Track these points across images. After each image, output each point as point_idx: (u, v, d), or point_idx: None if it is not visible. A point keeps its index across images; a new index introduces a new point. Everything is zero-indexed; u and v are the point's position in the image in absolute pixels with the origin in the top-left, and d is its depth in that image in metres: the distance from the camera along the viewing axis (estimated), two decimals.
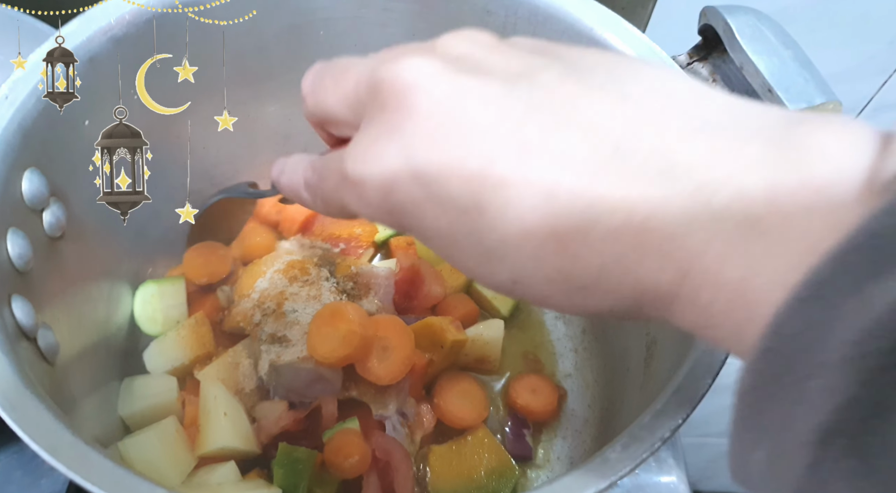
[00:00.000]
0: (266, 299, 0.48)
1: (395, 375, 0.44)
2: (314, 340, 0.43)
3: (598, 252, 0.20)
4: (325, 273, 0.49)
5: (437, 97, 0.21)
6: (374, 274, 0.49)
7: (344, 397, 0.46)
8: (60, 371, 0.37)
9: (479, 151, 0.20)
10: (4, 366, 0.30)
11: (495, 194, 0.20)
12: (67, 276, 0.40)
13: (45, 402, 0.29)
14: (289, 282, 0.48)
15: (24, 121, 0.35)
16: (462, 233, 0.21)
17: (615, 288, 0.20)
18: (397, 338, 0.45)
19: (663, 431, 0.28)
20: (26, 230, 0.36)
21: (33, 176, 0.36)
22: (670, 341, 0.41)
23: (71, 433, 0.28)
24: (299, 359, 0.43)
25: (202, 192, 0.53)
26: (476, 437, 0.48)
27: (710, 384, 0.30)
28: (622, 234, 0.19)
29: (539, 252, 0.20)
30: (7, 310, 0.33)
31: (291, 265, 0.49)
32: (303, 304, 0.47)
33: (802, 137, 0.18)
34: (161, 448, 0.43)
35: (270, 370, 0.44)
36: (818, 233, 0.17)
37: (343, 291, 0.48)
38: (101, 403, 0.44)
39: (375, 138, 0.22)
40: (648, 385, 0.42)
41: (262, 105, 0.52)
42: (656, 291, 0.20)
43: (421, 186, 0.21)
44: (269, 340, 0.45)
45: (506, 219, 0.20)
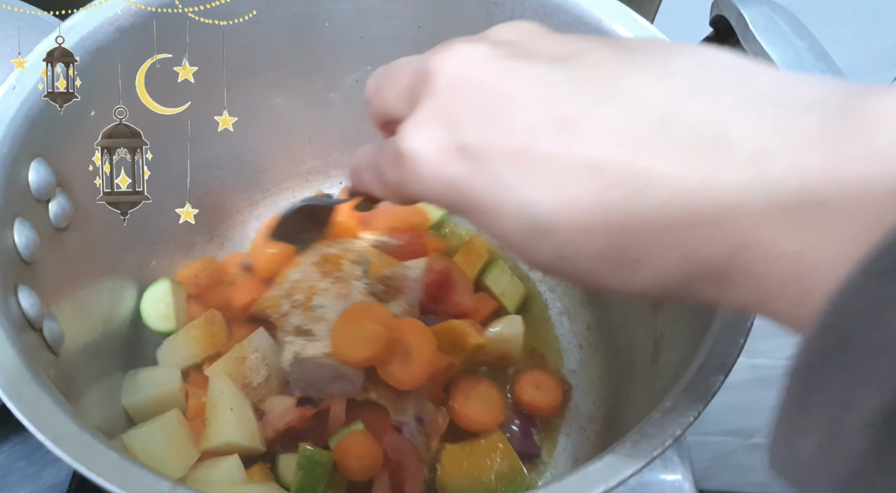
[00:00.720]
0: (297, 290, 0.47)
1: (415, 380, 0.44)
2: (339, 337, 0.43)
3: (647, 224, 0.19)
4: (359, 272, 0.48)
5: (484, 78, 0.22)
6: (405, 277, 0.49)
7: (362, 399, 0.45)
8: (65, 362, 0.37)
9: (523, 126, 0.21)
10: (10, 355, 0.29)
11: (539, 169, 0.21)
12: (72, 267, 0.40)
13: (51, 392, 0.29)
14: (321, 276, 0.48)
15: (31, 111, 0.35)
16: (508, 207, 0.21)
17: (664, 263, 0.20)
18: (420, 343, 0.44)
19: (674, 428, 0.28)
20: (33, 221, 0.35)
21: (40, 166, 0.36)
22: (678, 337, 0.40)
23: (76, 424, 0.28)
24: (323, 354, 0.43)
25: (205, 184, 0.53)
26: (490, 440, 0.48)
27: (723, 381, 0.30)
28: (671, 206, 0.19)
29: (585, 225, 0.20)
30: (13, 300, 0.33)
31: (326, 259, 0.49)
32: (332, 300, 0.46)
33: (862, 108, 0.17)
34: (164, 440, 0.43)
35: (294, 362, 0.44)
36: (882, 205, 0.16)
37: (373, 293, 0.48)
38: (105, 394, 0.44)
39: (426, 118, 0.23)
40: (656, 382, 0.42)
41: (268, 96, 0.52)
42: (708, 265, 0.19)
43: (468, 162, 0.22)
44: (295, 332, 0.45)
45: (552, 193, 0.20)
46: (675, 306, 0.43)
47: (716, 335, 0.32)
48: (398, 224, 0.56)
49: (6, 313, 0.31)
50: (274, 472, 0.46)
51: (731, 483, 1.28)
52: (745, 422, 1.10)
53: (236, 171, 0.55)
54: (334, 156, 0.59)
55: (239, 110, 0.51)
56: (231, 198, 0.57)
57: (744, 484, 1.28)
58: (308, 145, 0.57)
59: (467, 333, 0.47)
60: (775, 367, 0.94)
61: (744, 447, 1.17)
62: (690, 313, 0.39)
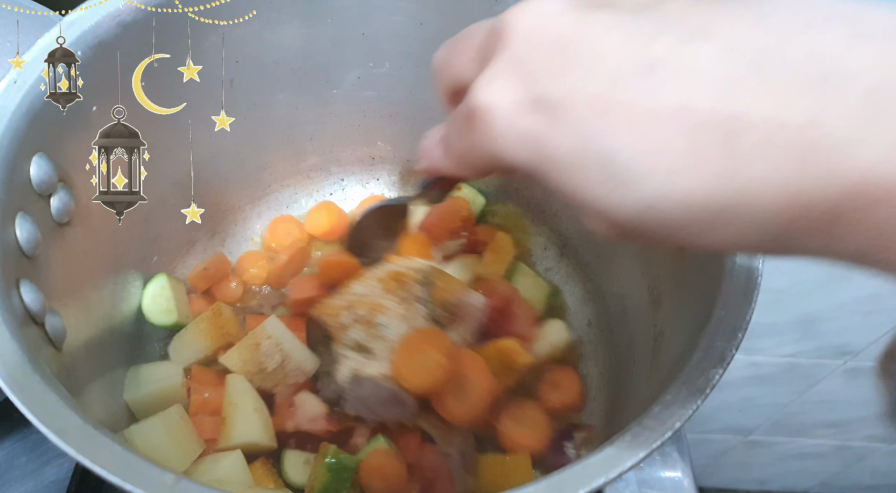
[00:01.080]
0: (359, 304, 0.47)
1: (469, 417, 0.43)
2: (400, 363, 0.42)
3: (745, 166, 0.18)
4: (422, 294, 0.47)
5: (560, 28, 0.21)
6: (467, 305, 0.47)
7: (412, 425, 0.44)
8: (67, 357, 0.37)
9: (602, 73, 0.20)
10: (13, 349, 0.30)
11: (623, 115, 0.19)
12: (74, 262, 0.40)
13: (53, 385, 0.29)
14: (384, 293, 0.47)
15: (32, 105, 0.35)
16: (588, 157, 0.20)
17: (762, 212, 0.19)
18: (478, 378, 0.43)
19: (674, 420, 0.28)
20: (34, 215, 0.36)
21: (41, 161, 0.36)
22: (678, 333, 0.41)
23: (79, 417, 0.28)
24: (382, 375, 0.42)
25: (207, 181, 0.53)
26: (516, 459, 0.46)
27: (721, 374, 0.30)
28: (774, 145, 0.18)
29: (674, 170, 0.19)
30: (16, 294, 0.33)
31: (391, 276, 0.48)
32: (394, 320, 0.45)
33: None
34: (166, 436, 0.43)
35: (352, 379, 0.43)
36: None
37: (434, 318, 0.46)
38: (106, 390, 0.44)
39: (499, 71, 0.22)
40: (655, 377, 0.42)
41: (270, 94, 0.52)
42: (815, 210, 0.18)
43: (545, 113, 0.21)
44: (354, 347, 0.44)
45: (637, 139, 0.19)
46: (674, 301, 0.43)
47: (714, 329, 0.32)
48: (453, 224, 0.55)
49: (8, 308, 0.31)
50: (277, 468, 0.46)
51: (730, 480, 1.28)
52: (744, 420, 1.10)
53: (238, 168, 0.55)
54: (336, 153, 0.59)
55: (241, 108, 0.52)
56: (233, 195, 0.57)
57: (743, 481, 1.28)
58: (310, 142, 0.57)
59: (517, 352, 0.46)
60: (774, 365, 0.94)
61: (743, 444, 1.17)
62: (690, 309, 0.39)
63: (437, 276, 0.49)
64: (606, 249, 0.54)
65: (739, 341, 0.32)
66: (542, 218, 0.58)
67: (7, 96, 0.34)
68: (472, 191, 0.58)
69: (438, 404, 0.43)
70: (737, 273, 0.34)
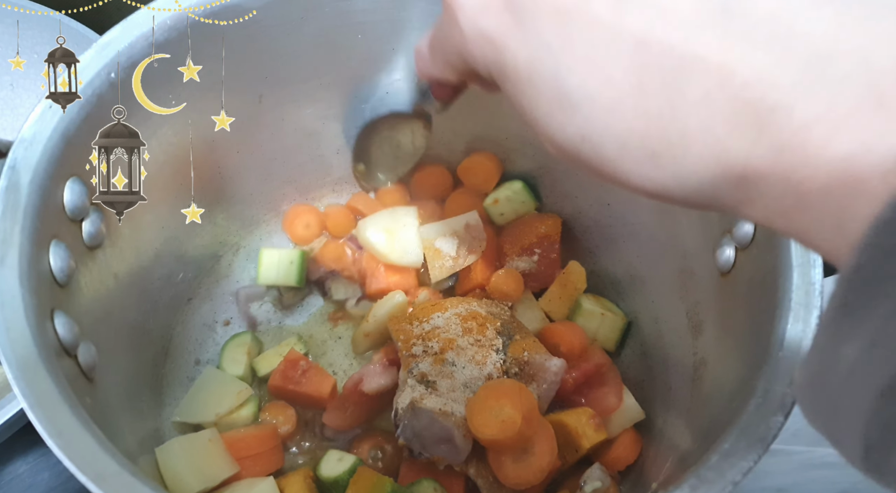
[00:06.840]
0: (434, 336, 0.45)
1: (523, 484, 0.41)
2: (475, 408, 0.40)
3: (683, 115, 0.18)
4: (499, 344, 0.45)
5: None
6: (544, 368, 0.44)
7: (460, 470, 0.43)
8: (99, 387, 0.36)
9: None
10: (50, 388, 0.29)
11: (584, 34, 0.20)
12: (104, 286, 0.40)
13: (89, 427, 0.29)
14: (462, 332, 0.46)
15: (67, 130, 0.34)
16: (540, 71, 0.21)
17: (695, 160, 0.19)
18: (543, 448, 0.41)
19: (734, 473, 0.27)
20: (67, 242, 0.35)
21: (75, 185, 0.35)
22: (725, 366, 0.39)
23: (116, 463, 0.27)
24: (440, 410, 0.41)
25: (232, 195, 0.53)
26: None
27: (783, 423, 0.28)
28: (715, 98, 0.18)
29: (616, 105, 0.19)
30: (50, 326, 0.32)
31: (472, 315, 0.47)
32: (464, 361, 0.44)
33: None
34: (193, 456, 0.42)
35: (409, 408, 0.41)
36: None
37: (506, 371, 0.44)
38: (135, 415, 0.43)
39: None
40: (698, 410, 0.41)
41: (299, 107, 0.51)
42: (743, 167, 0.18)
43: (510, 15, 0.21)
44: (420, 377, 0.43)
45: (589, 60, 0.20)
46: (717, 330, 0.42)
47: (772, 371, 0.31)
48: (527, 239, 0.53)
49: (43, 342, 0.30)
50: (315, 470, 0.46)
51: (748, 489, 1.27)
52: None
53: (263, 181, 0.54)
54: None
55: (269, 121, 0.51)
56: (258, 208, 0.56)
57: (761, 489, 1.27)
58: (336, 156, 0.56)
59: (582, 435, 0.44)
60: None
61: None
62: (739, 342, 0.38)
63: (517, 329, 0.48)
64: (640, 268, 0.53)
65: None
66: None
67: (42, 122, 0.34)
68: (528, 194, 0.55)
69: (495, 461, 0.41)
70: (794, 309, 0.33)
